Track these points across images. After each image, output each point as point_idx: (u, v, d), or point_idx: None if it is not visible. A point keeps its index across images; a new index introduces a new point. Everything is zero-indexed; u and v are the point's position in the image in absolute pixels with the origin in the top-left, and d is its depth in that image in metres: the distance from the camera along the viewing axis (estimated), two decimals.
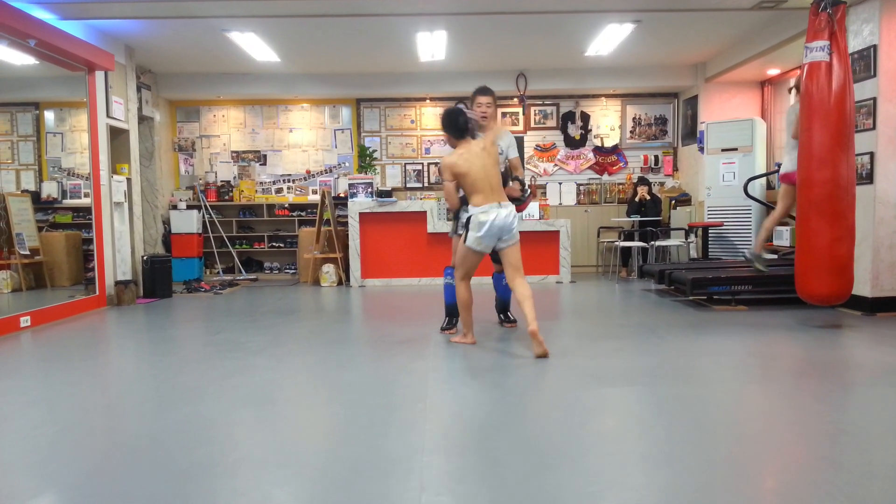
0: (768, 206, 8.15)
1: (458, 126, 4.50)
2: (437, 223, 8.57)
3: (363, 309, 6.94)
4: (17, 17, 5.46)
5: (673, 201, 9.85)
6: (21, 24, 5.50)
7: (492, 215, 4.37)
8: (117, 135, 7.54)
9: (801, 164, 5.12)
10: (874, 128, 5.66)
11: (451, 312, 5.22)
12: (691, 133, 9.81)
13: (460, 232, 4.73)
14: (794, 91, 6.29)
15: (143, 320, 6.31)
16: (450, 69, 9.37)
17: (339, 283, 8.79)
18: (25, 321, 5.65)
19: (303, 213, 10.11)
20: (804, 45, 5.05)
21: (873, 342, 4.77)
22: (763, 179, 8.49)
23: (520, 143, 10.36)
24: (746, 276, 6.33)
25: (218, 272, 9.99)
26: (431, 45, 8.08)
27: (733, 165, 8.72)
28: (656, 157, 10.40)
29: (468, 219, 4.47)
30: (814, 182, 4.98)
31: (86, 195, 7.81)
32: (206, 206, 9.90)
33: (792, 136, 5.76)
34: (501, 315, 5.55)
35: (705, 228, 8.69)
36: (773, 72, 8.80)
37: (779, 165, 8.02)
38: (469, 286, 4.72)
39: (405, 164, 10.38)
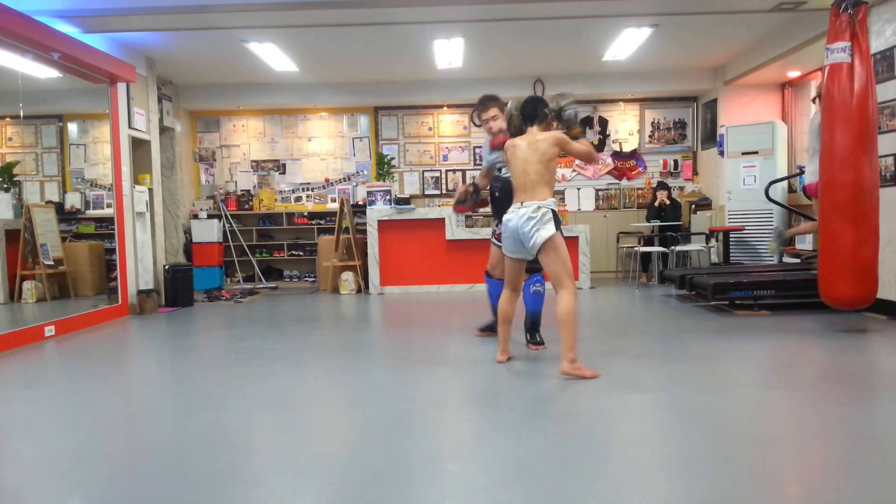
0: (791, 210, 8.07)
1: (527, 113, 4.16)
2: (456, 230, 8.57)
3: (382, 316, 6.95)
4: (41, 32, 5.55)
5: (693, 206, 9.78)
6: (45, 37, 5.60)
7: (510, 215, 4.06)
8: (139, 146, 7.63)
9: (823, 166, 5.06)
10: None
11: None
12: (711, 137, 9.73)
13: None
14: (817, 101, 6.21)
15: (165, 329, 6.37)
16: (467, 76, 9.38)
17: (358, 290, 8.81)
18: (50, 330, 5.73)
19: (322, 222, 10.16)
20: (825, 47, 4.99)
21: None
22: (784, 183, 8.40)
23: None
24: (769, 280, 6.26)
25: (238, 281, 10.07)
26: (449, 53, 8.10)
27: (754, 169, 8.64)
28: (676, 162, 10.33)
29: None
30: (836, 184, 4.92)
31: (108, 206, 7.92)
32: (226, 215, 9.99)
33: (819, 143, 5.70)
34: (527, 334, 4.84)
35: (726, 233, 8.61)
36: (794, 74, 8.72)
37: (800, 168, 7.95)
38: (511, 298, 4.26)
39: (423, 171, 10.40)
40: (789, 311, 6.17)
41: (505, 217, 4.10)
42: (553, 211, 3.98)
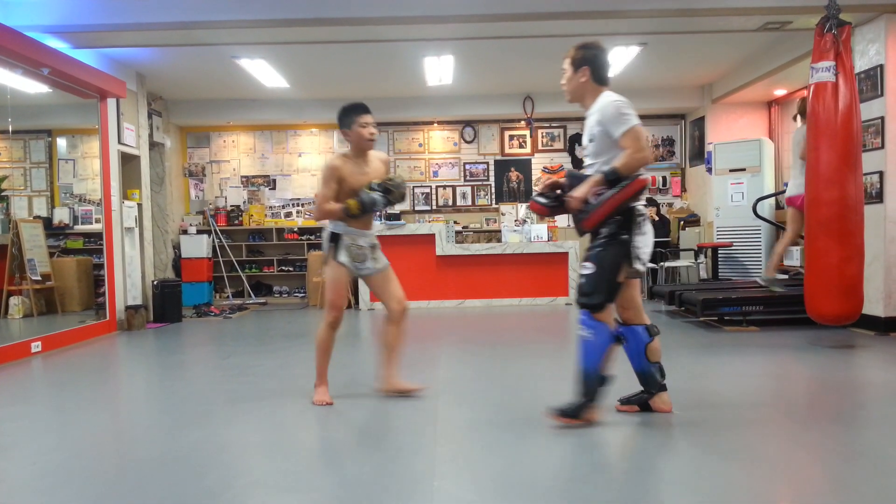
0: (778, 226, 8.13)
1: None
2: (446, 246, 8.58)
3: (372, 332, 6.93)
4: (31, 47, 5.54)
5: (682, 222, 9.84)
6: (35, 53, 5.59)
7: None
8: (128, 161, 7.61)
9: (808, 184, 5.12)
10: (883, 146, 5.65)
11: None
12: (699, 154, 9.82)
13: None
14: (798, 118, 6.32)
15: (154, 345, 6.32)
16: (457, 93, 9.43)
17: (349, 306, 8.79)
18: (36, 346, 5.68)
19: (312, 237, 10.14)
20: (810, 66, 5.07)
21: (887, 362, 4.72)
22: (772, 199, 8.47)
23: (527, 165, 10.43)
24: (757, 296, 6.30)
25: (227, 296, 10.02)
26: (439, 70, 8.15)
27: (742, 186, 8.71)
28: (664, 178, 10.41)
29: None
30: (821, 202, 4.97)
31: (97, 221, 7.88)
32: (215, 230, 9.96)
33: (800, 156, 5.77)
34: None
35: (715, 249, 8.66)
36: (780, 92, 8.83)
37: (787, 185, 8.02)
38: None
39: (413, 187, 10.42)
40: (777, 327, 6.21)
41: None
42: (331, 233, 3.81)
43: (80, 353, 5.82)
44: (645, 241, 3.20)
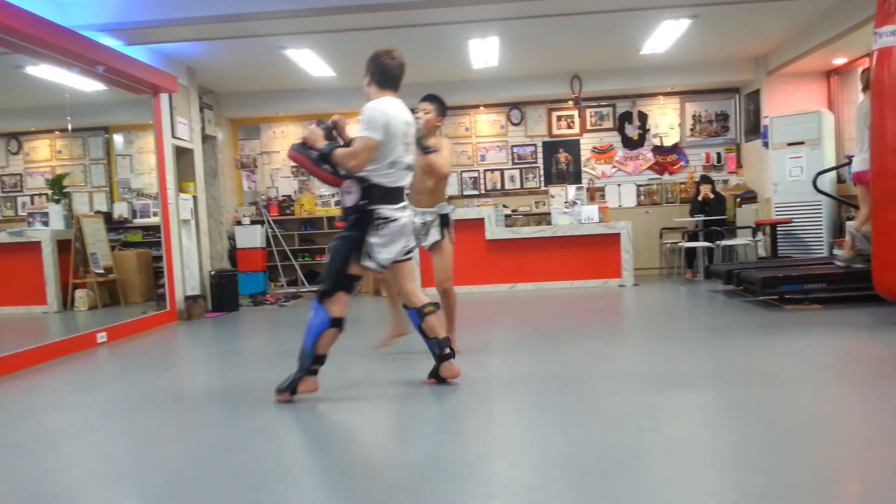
0: (840, 201, 7.84)
1: None
2: (496, 230, 8.54)
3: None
4: (86, 46, 5.69)
5: (738, 199, 9.57)
6: (90, 51, 5.74)
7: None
8: (182, 154, 7.78)
9: (874, 154, 4.90)
10: None
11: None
12: (754, 128, 9.52)
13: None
14: (865, 91, 6.02)
15: (212, 334, 6.47)
16: (503, 74, 9.34)
17: (377, 292, 8.83)
18: (102, 337, 5.87)
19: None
20: (873, 31, 4.84)
21: None
22: (833, 173, 8.17)
23: (575, 146, 10.28)
24: (820, 273, 6.08)
25: (282, 285, 10.18)
26: (484, 52, 8.08)
27: (800, 160, 8.42)
28: (718, 155, 10.13)
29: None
30: (888, 172, 4.76)
31: (154, 214, 8.09)
32: (268, 220, 10.12)
33: (867, 128, 5.52)
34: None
35: (773, 226, 8.41)
36: (840, 61, 8.47)
37: (848, 157, 7.72)
38: None
39: (461, 171, 10.39)
40: (842, 305, 5.97)
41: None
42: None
43: (144, 343, 6.00)
44: (383, 244, 3.50)
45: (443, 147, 4.44)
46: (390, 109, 3.54)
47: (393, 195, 3.57)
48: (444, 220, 4.53)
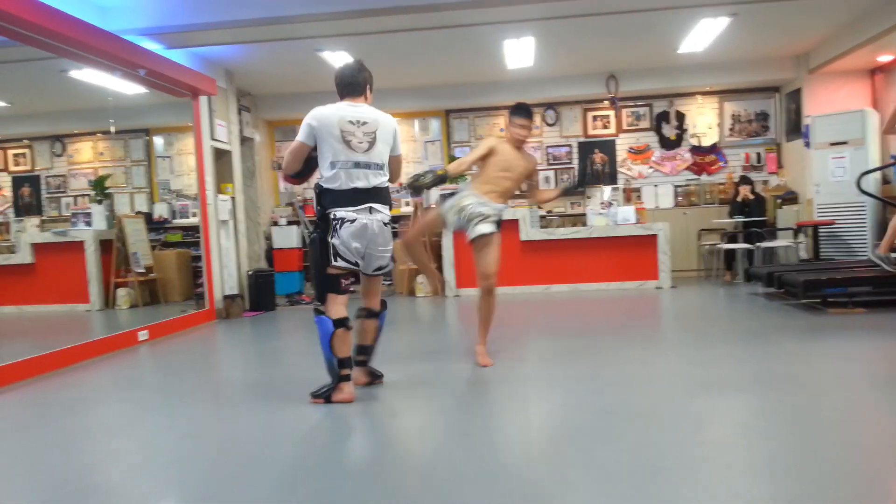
0: (885, 202, 7.65)
1: None
2: (531, 231, 8.51)
3: (459, 319, 6.96)
4: (128, 49, 5.81)
5: (779, 200, 9.39)
6: (132, 55, 5.86)
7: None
8: (221, 156, 7.90)
9: None
10: None
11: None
12: (795, 128, 9.33)
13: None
14: None
15: (250, 332, 6.56)
16: (538, 75, 9.30)
17: (434, 293, 8.85)
18: (143, 335, 5.98)
19: (396, 225, 10.23)
20: None
21: None
22: (878, 174, 7.97)
23: (611, 146, 10.19)
24: (865, 276, 5.93)
25: None
26: (519, 52, 8.05)
27: (843, 160, 8.23)
28: (758, 155, 9.95)
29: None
30: None
31: (194, 215, 8.23)
32: (304, 221, 10.21)
33: (883, 131, 5.37)
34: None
35: (815, 227, 8.23)
36: (886, 58, 8.26)
37: (894, 157, 7.53)
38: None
39: None
40: (888, 309, 5.82)
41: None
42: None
43: (184, 341, 6.10)
44: (341, 242, 3.63)
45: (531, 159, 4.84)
46: (325, 112, 3.73)
47: (347, 197, 3.64)
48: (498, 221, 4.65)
